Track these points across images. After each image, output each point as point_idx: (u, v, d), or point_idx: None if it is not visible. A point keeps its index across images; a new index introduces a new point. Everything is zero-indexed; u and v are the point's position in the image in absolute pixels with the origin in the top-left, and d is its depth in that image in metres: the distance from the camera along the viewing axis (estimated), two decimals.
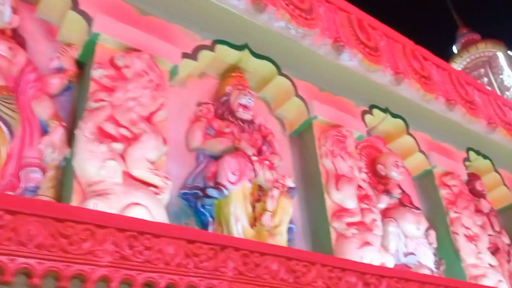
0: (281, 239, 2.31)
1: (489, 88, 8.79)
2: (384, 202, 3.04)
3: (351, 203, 2.68)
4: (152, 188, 2.04)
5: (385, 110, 3.41)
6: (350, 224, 2.59)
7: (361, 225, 2.64)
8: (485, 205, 3.74)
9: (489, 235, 3.52)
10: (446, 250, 3.18)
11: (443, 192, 3.42)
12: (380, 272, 2.18)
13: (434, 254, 3.08)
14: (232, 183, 2.30)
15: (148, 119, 2.21)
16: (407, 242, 2.95)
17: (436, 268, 3.04)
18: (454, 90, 3.76)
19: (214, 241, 1.71)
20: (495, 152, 4.11)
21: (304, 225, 2.72)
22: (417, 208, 3.16)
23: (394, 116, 3.48)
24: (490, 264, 3.20)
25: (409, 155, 3.55)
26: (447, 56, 11.62)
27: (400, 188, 3.22)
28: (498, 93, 8.92)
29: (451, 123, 3.73)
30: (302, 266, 1.88)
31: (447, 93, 3.66)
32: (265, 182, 2.46)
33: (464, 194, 3.46)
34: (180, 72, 2.50)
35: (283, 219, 2.38)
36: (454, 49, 12.60)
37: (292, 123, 3.05)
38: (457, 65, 11.04)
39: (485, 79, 9.37)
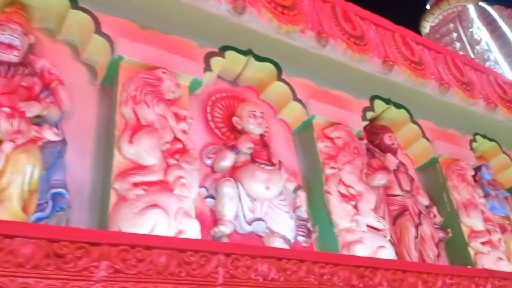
0: (9, 206, 1.82)
1: (458, 43, 8.54)
2: (227, 159, 2.53)
3: (150, 159, 2.11)
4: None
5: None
6: (137, 184, 2.03)
7: (156, 185, 2.06)
8: (391, 161, 3.28)
9: (392, 195, 3.20)
10: (320, 214, 2.70)
11: (321, 146, 2.88)
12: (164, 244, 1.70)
13: (302, 220, 2.63)
14: None
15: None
16: (255, 205, 2.45)
17: (305, 236, 2.59)
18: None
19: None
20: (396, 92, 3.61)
21: (90, 189, 2.18)
22: (271, 164, 2.62)
23: None
24: (373, 227, 2.74)
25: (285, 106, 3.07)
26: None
27: (263, 142, 2.76)
28: (468, 48, 8.56)
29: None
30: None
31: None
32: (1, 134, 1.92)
33: (351, 147, 2.94)
34: None
35: (13, 180, 1.83)
36: (428, 6, 12.07)
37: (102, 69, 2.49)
38: (429, 23, 10.60)
39: (454, 34, 9.02)
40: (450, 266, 2.89)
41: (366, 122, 3.38)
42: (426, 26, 10.16)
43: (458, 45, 8.67)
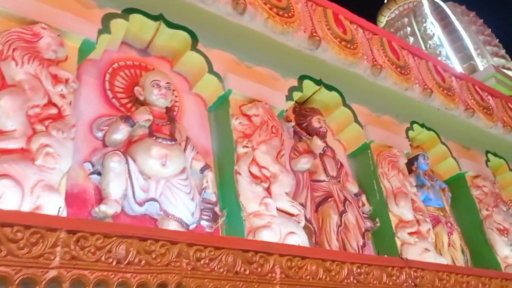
0: None
1: (411, 37, 8.55)
2: (120, 132, 2.23)
3: (9, 123, 1.79)
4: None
5: None
6: None
7: (13, 153, 1.74)
8: (317, 144, 3.09)
9: (317, 180, 3.02)
10: (229, 197, 2.45)
11: (236, 123, 2.63)
12: None
13: (209, 203, 2.40)
14: None
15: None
16: (149, 184, 2.18)
17: (210, 220, 2.37)
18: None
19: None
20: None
21: None
22: (171, 139, 2.34)
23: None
24: (286, 212, 2.50)
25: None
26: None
27: (169, 116, 2.49)
28: (421, 42, 8.59)
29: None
30: None
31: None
32: None
33: (269, 126, 2.69)
34: None
35: None
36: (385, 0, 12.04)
37: None
38: (385, 17, 10.62)
39: (408, 29, 9.01)
40: (359, 254, 2.70)
41: (292, 103, 3.15)
42: (383, 20, 10.11)
43: (411, 39, 8.66)
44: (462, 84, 4.27)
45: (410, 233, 3.14)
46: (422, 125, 4.06)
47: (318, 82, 3.35)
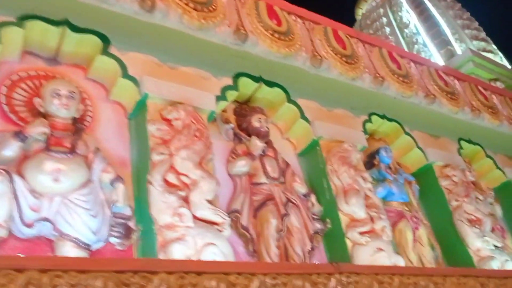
0: None
1: (388, 28, 8.28)
2: (9, 148, 2.04)
3: None
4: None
5: None
6: None
7: None
8: (255, 145, 2.89)
9: (257, 183, 2.83)
10: (142, 210, 2.26)
11: (153, 129, 2.43)
12: None
13: (121, 217, 2.19)
14: None
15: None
16: (42, 203, 1.98)
17: (121, 237, 2.16)
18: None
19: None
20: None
21: None
22: (69, 152, 2.14)
23: None
24: (208, 221, 2.28)
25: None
26: None
27: (76, 128, 2.31)
28: (397, 32, 8.31)
29: None
30: None
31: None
32: None
33: (192, 129, 2.49)
34: None
35: None
36: None
37: None
38: (362, 10, 10.30)
39: (384, 19, 8.72)
40: (275, 263, 2.48)
41: (226, 103, 2.95)
42: (360, 13, 9.88)
43: (388, 30, 8.40)
44: (423, 70, 4.04)
45: (362, 233, 2.93)
46: (383, 116, 3.84)
47: (257, 79, 3.15)
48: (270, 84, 3.20)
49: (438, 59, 6.74)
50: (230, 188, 2.84)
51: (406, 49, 4.46)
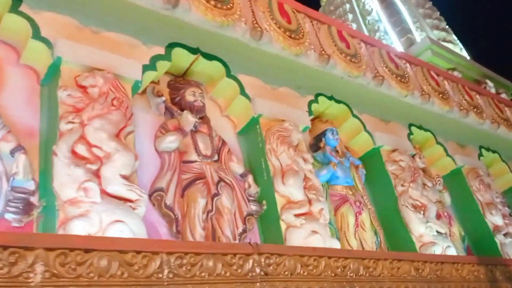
0: None
1: (350, 14, 8.23)
2: None
3: None
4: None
5: None
6: None
7: None
8: (187, 120, 2.73)
9: (187, 161, 2.67)
10: (47, 183, 2.04)
11: (63, 95, 2.19)
12: None
13: (21, 192, 1.96)
14: None
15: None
16: None
17: (19, 213, 1.95)
18: None
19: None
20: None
21: None
22: None
23: None
24: (121, 198, 2.08)
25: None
26: None
27: None
28: (360, 19, 8.25)
29: None
30: None
31: None
32: None
33: (109, 98, 2.28)
34: None
35: None
36: None
37: None
38: None
39: (347, 6, 8.57)
40: (183, 242, 2.30)
41: (155, 73, 2.73)
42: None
43: (350, 16, 8.31)
44: (374, 51, 3.92)
45: (297, 215, 2.78)
46: (330, 98, 3.71)
47: (194, 51, 2.95)
48: (209, 56, 3.01)
49: (398, 47, 6.69)
50: (157, 166, 2.64)
51: None
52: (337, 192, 3.46)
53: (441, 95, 4.25)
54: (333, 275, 2.19)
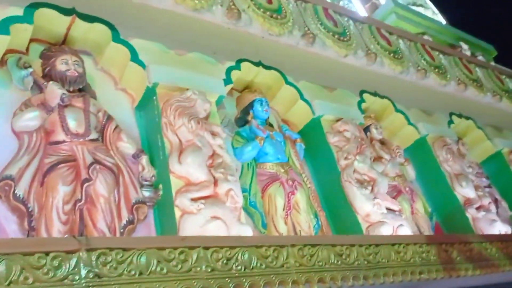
0: None
1: None
2: None
3: None
4: None
5: None
6: None
7: None
8: (52, 92, 2.27)
9: (55, 142, 2.22)
10: None
11: None
12: None
13: None
14: None
15: None
16: None
17: None
18: None
19: None
20: None
21: None
22: None
23: None
24: None
25: None
26: None
27: None
28: None
29: None
30: None
31: None
32: None
33: None
34: None
35: None
36: None
37: None
38: None
39: None
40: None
41: (7, 38, 2.24)
42: None
43: None
44: (307, 8, 3.40)
45: (195, 198, 2.30)
46: (258, 64, 3.21)
47: (70, 11, 2.46)
48: (89, 18, 2.52)
49: (363, 14, 6.17)
50: (14, 149, 2.16)
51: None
52: (265, 170, 2.97)
53: (392, 55, 3.73)
54: (209, 270, 1.70)
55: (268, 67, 3.26)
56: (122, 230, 2.18)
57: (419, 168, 4.03)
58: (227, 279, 1.72)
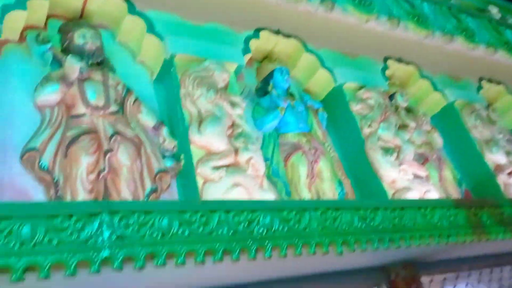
0: None
1: None
2: None
3: None
4: None
5: None
6: None
7: None
8: (71, 67, 2.28)
9: (76, 115, 2.24)
10: None
11: None
12: None
13: None
14: None
15: None
16: None
17: None
18: None
19: None
20: None
21: None
22: None
23: None
24: None
25: None
26: None
27: None
28: None
29: None
30: None
31: None
32: None
33: None
34: None
35: None
36: None
37: None
38: None
39: None
40: None
41: (24, 13, 2.27)
42: None
43: None
44: None
45: (217, 167, 2.30)
46: (277, 32, 3.16)
47: None
48: None
49: None
50: (36, 123, 2.20)
51: None
52: (287, 140, 2.94)
53: (416, 18, 3.60)
54: (231, 233, 1.70)
55: (287, 35, 3.20)
56: (146, 199, 2.20)
57: (446, 136, 3.91)
58: (249, 241, 1.72)
